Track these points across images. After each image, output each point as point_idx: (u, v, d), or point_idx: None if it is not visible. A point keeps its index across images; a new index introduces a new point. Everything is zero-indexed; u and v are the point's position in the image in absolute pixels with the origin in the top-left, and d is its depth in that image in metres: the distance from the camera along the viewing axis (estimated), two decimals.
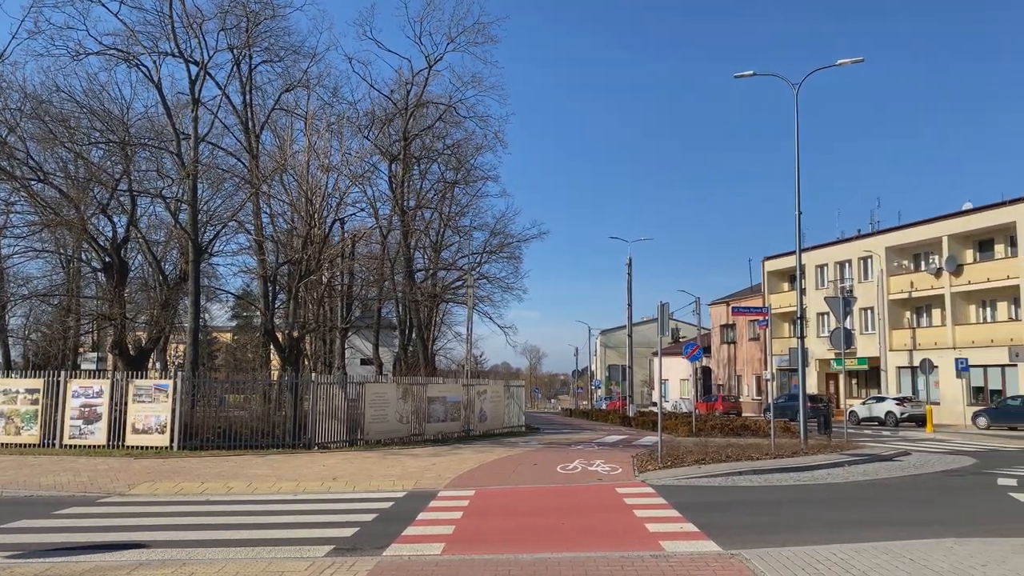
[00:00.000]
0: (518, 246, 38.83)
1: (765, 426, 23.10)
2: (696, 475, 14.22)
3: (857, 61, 20.14)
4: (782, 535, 8.62)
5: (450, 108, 34.91)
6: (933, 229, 42.34)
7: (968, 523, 9.47)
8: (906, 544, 7.78)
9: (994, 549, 7.44)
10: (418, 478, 13.99)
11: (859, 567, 6.85)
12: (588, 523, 9.84)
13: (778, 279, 54.69)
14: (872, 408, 37.89)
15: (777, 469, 15.13)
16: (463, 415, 24.89)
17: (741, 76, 21.13)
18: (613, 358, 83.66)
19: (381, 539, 8.61)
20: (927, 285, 42.50)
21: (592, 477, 14.33)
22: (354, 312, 36.45)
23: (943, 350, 39.94)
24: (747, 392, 57.22)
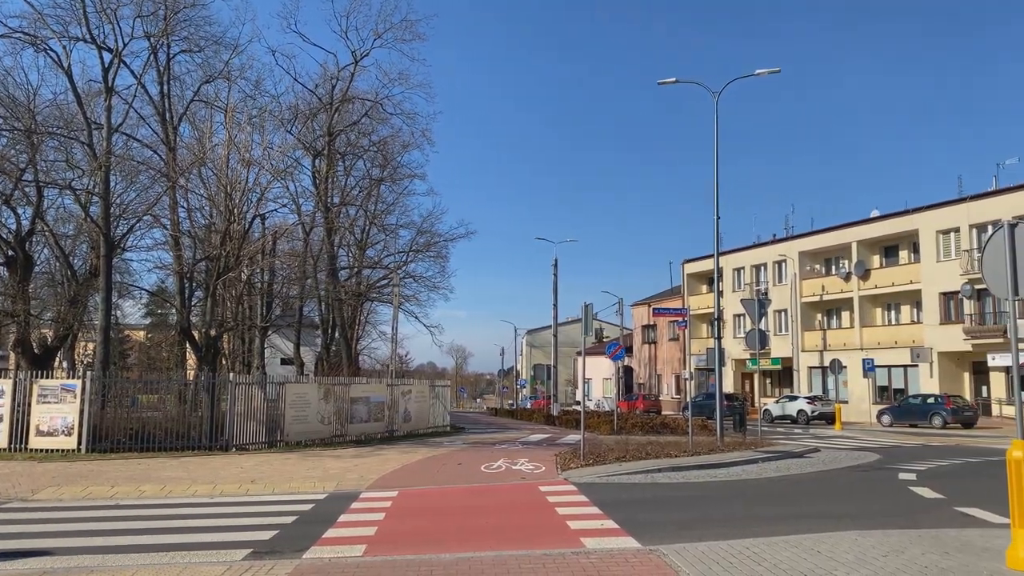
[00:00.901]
0: (445, 245, 38.72)
1: (684, 424, 23.69)
2: (617, 473, 14.48)
3: (773, 72, 20.91)
4: (699, 530, 8.88)
5: (376, 104, 34.52)
6: (843, 235, 44.30)
7: (872, 516, 9.95)
8: (814, 537, 8.13)
9: (894, 540, 7.85)
10: (340, 479, 13.80)
11: (770, 560, 7.11)
12: (511, 522, 9.90)
13: (698, 281, 56.23)
14: (785, 407, 39.32)
15: (695, 466, 15.55)
16: (387, 415, 24.66)
17: (664, 83, 21.65)
18: (539, 357, 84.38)
19: (301, 541, 8.46)
20: (837, 289, 44.43)
21: (516, 476, 14.42)
22: (275, 310, 35.64)
23: (851, 351, 41.84)
24: (667, 391, 58.60)
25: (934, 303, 38.49)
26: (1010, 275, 6.94)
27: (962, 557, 7.03)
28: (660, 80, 21.66)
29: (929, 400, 33.33)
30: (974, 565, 6.73)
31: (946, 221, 38.11)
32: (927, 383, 37.86)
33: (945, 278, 37.74)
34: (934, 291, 38.38)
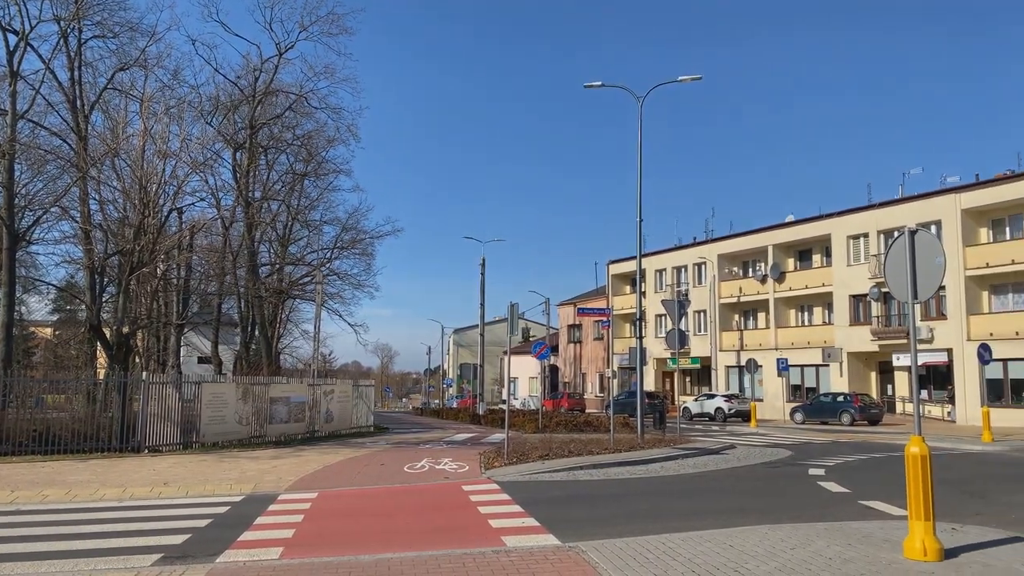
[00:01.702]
0: (371, 242, 38.24)
1: (607, 422, 24.06)
2: (540, 471, 14.59)
3: (696, 79, 21.45)
4: (618, 526, 9.04)
5: (301, 98, 33.85)
6: (760, 239, 45.78)
7: (782, 510, 10.32)
8: (727, 531, 8.38)
9: (801, 533, 8.17)
10: (257, 481, 13.48)
11: (685, 554, 7.30)
12: (433, 522, 9.86)
13: (622, 282, 57.16)
14: (703, 404, 40.38)
15: (616, 463, 15.81)
16: (308, 416, 24.20)
17: (591, 86, 21.93)
18: (465, 356, 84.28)
19: (215, 545, 8.22)
20: (754, 291, 45.89)
21: (439, 476, 14.37)
22: (191, 307, 34.54)
23: (767, 351, 43.28)
24: (591, 389, 59.40)
25: (844, 305, 40.18)
26: (910, 279, 7.31)
27: (864, 548, 7.37)
28: (587, 83, 21.96)
29: (838, 398, 34.77)
30: (874, 556, 7.06)
31: (856, 227, 39.81)
32: (837, 382, 39.49)
33: (855, 281, 39.44)
34: (844, 294, 40.06)
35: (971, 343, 31.42)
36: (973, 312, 34.18)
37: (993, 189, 34.10)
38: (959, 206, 34.73)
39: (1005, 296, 34.59)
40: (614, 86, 22.31)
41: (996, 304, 34.79)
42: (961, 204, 34.71)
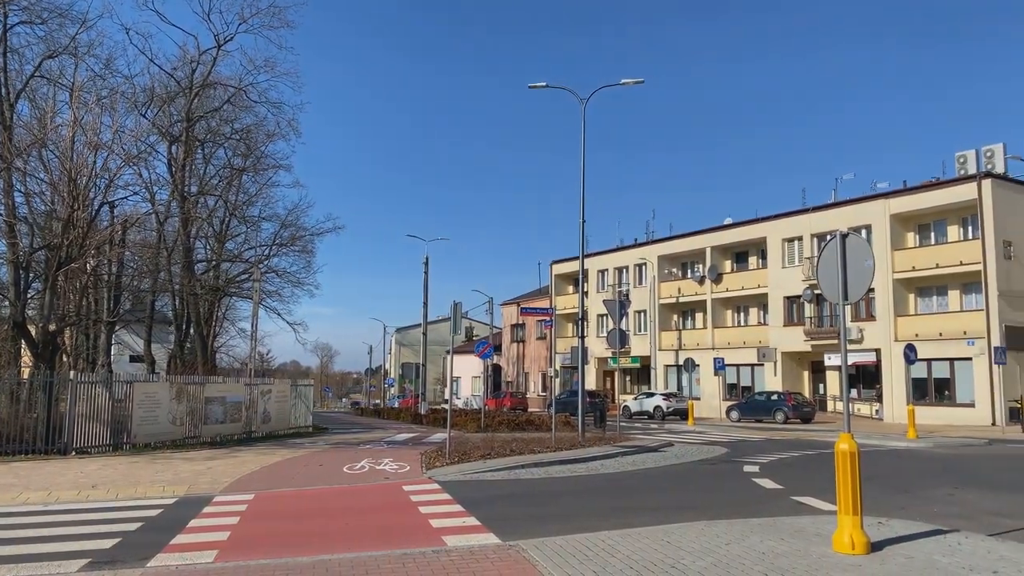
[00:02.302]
0: (311, 239, 37.54)
1: (548, 421, 24.21)
2: (482, 470, 14.60)
3: (638, 82, 21.73)
4: (559, 524, 9.10)
5: (240, 91, 33.02)
6: (699, 241, 46.71)
7: (719, 507, 10.55)
8: (665, 528, 8.52)
9: (736, 529, 8.36)
10: (191, 483, 13.14)
11: (624, 551, 7.40)
12: (373, 522, 9.77)
13: (564, 282, 57.59)
14: (643, 403, 40.98)
15: (557, 461, 15.93)
16: (245, 416, 23.69)
17: (535, 87, 22.05)
18: (408, 356, 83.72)
19: (145, 550, 7.99)
20: (692, 291, 46.78)
21: (380, 476, 14.24)
22: (123, 305, 33.42)
23: (704, 350, 44.16)
24: (533, 388, 59.69)
25: (779, 306, 41.28)
26: (841, 282, 7.55)
27: (795, 543, 7.58)
28: (531, 84, 22.04)
29: (773, 397, 35.70)
30: (805, 550, 7.27)
31: (790, 230, 40.95)
32: (771, 381, 40.55)
33: (789, 283, 40.56)
34: (779, 295, 41.16)
35: (898, 343, 32.64)
36: (900, 314, 35.51)
37: (920, 196, 35.49)
38: (888, 211, 36.06)
39: (930, 298, 36.04)
40: (558, 87, 22.49)
41: (922, 306, 36.22)
42: (890, 209, 36.03)
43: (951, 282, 34.71)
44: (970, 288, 34.02)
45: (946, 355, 33.36)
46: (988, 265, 32.10)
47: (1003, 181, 33.36)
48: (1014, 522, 9.18)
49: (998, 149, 33.82)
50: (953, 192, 33.94)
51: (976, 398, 32.15)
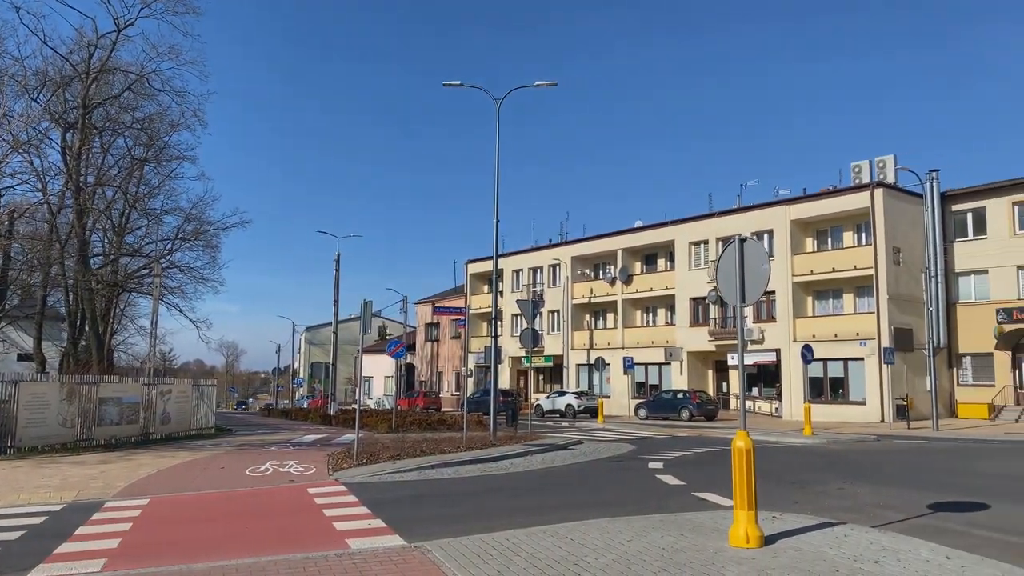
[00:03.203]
0: (216, 234, 36.24)
1: (461, 420, 24.14)
2: (391, 471, 14.43)
3: (551, 84, 21.93)
4: (466, 524, 9.07)
5: (142, 79, 31.57)
6: (610, 243, 47.56)
7: (623, 503, 10.74)
8: (570, 525, 8.61)
9: (638, 525, 8.53)
10: (81, 488, 12.48)
11: (527, 549, 7.43)
12: (274, 526, 9.51)
13: (480, 281, 57.59)
14: (555, 401, 41.42)
15: (467, 461, 15.90)
16: (142, 417, 22.68)
17: (449, 85, 21.95)
18: (318, 355, 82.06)
19: (27, 559, 7.54)
20: (604, 292, 47.59)
21: (284, 479, 13.89)
22: (11, 299, 31.46)
23: (615, 350, 45.00)
24: (448, 388, 59.49)
25: (685, 307, 42.47)
26: (739, 285, 7.80)
27: (694, 538, 7.80)
28: (445, 82, 21.94)
29: (679, 395, 36.69)
30: (703, 544, 7.48)
31: (697, 234, 42.18)
32: (678, 379, 41.67)
33: (695, 285, 41.77)
34: (686, 296, 42.34)
35: (796, 344, 34.06)
36: (799, 315, 37.09)
37: (818, 203, 37.17)
38: (789, 217, 37.60)
39: (826, 301, 37.80)
40: (472, 86, 22.45)
41: (819, 308, 37.94)
42: (791, 215, 37.59)
43: (846, 286, 36.49)
44: (863, 291, 35.85)
45: (840, 355, 35.05)
46: (879, 270, 33.91)
47: (893, 191, 35.30)
48: (897, 514, 9.70)
49: (889, 160, 35.73)
50: (848, 200, 35.69)
51: (867, 396, 33.90)
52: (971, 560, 6.82)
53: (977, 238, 35.16)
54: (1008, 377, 33.85)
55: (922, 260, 33.97)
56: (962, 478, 13.58)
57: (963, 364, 35.54)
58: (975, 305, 34.87)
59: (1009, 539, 8.12)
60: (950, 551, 7.16)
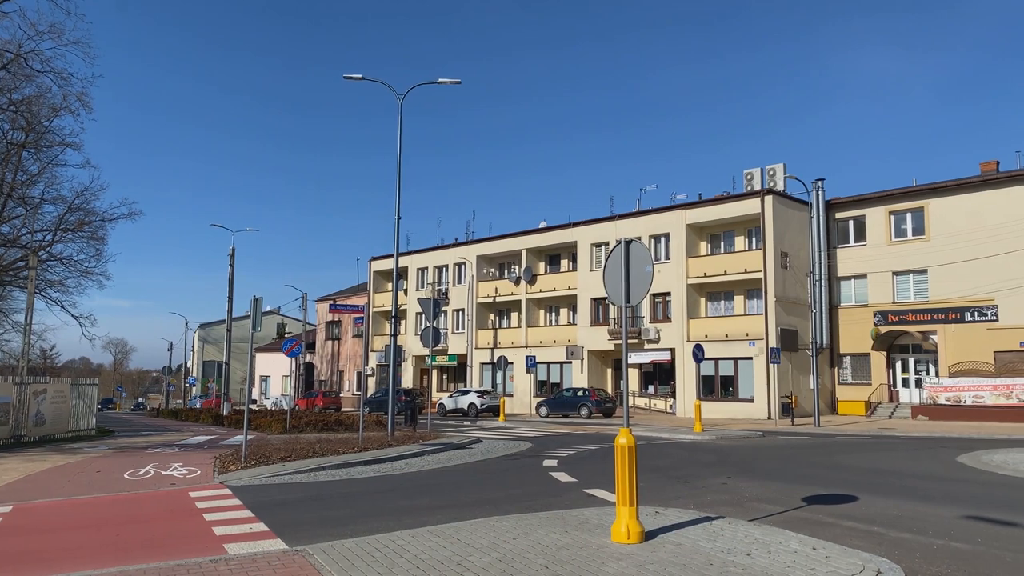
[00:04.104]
0: (102, 225, 34.28)
1: (360, 420, 23.74)
2: (280, 473, 14.03)
3: (455, 82, 21.85)
4: (352, 526, 8.90)
5: (19, 58, 29.54)
6: (515, 242, 47.87)
7: (515, 501, 10.80)
8: (457, 525, 8.58)
9: (526, 523, 8.58)
10: None
11: (412, 551, 7.35)
12: (149, 533, 9.06)
13: (384, 279, 56.87)
14: (458, 400, 41.36)
15: (361, 462, 15.64)
16: (12, 418, 21.26)
17: (350, 78, 21.54)
18: (213, 353, 79.04)
19: None
20: (508, 291, 47.86)
21: (165, 482, 13.29)
22: None
23: (518, 348, 45.35)
24: (348, 387, 58.46)
25: (587, 307, 43.22)
26: (624, 285, 7.96)
27: (579, 535, 7.90)
28: (347, 75, 21.52)
29: (578, 393, 37.33)
30: (587, 541, 7.59)
31: (598, 236, 42.98)
32: (578, 378, 42.37)
33: (596, 285, 42.49)
34: (587, 297, 43.07)
35: (690, 343, 35.21)
36: (693, 316, 38.35)
37: (712, 208, 38.53)
38: (684, 221, 38.83)
39: (718, 303, 39.25)
40: (374, 80, 22.10)
41: (711, 309, 39.35)
42: (686, 220, 38.82)
43: (737, 288, 37.99)
44: (753, 294, 37.41)
45: (731, 355, 36.46)
46: (768, 273, 35.46)
47: (782, 198, 36.98)
48: (773, 507, 10.14)
49: (779, 168, 37.40)
50: (740, 206, 37.16)
51: (755, 394, 35.39)
52: (835, 550, 7.18)
53: (857, 245, 37.27)
54: (883, 376, 36.05)
55: (807, 264, 35.73)
56: (836, 472, 14.33)
57: (843, 364, 37.60)
58: (855, 308, 36.96)
59: (872, 529, 8.61)
60: (818, 542, 7.52)
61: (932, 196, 35.06)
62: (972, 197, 33.83)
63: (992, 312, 32.65)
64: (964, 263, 33.21)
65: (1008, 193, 32.84)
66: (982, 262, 32.70)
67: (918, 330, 34.81)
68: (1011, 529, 8.56)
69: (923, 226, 35.22)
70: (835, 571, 6.39)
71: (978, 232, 32.99)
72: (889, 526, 8.77)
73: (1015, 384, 29.84)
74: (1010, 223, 32.17)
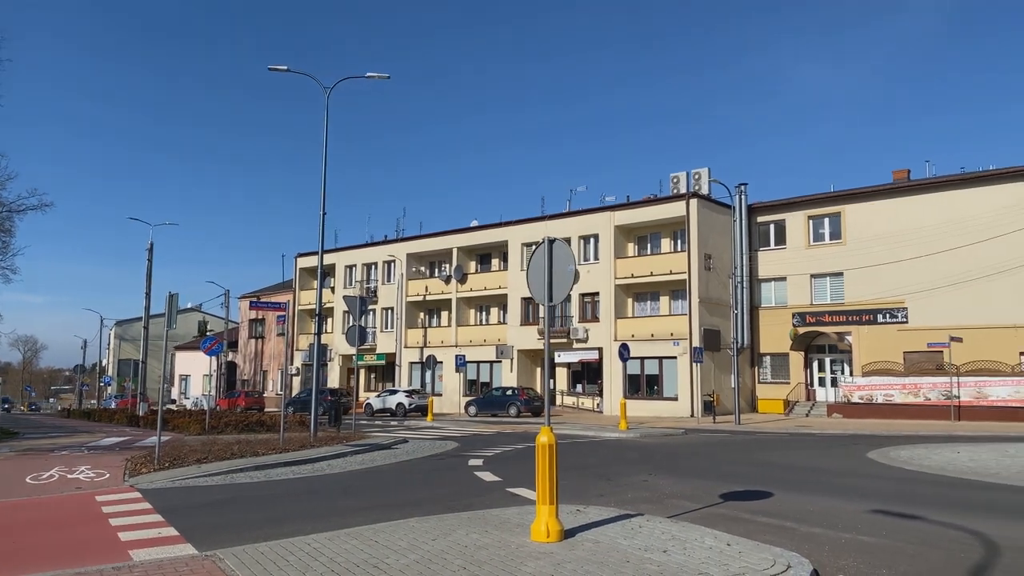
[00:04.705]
0: (9, 216, 32.59)
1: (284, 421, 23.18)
2: (195, 475, 13.55)
3: (384, 77, 21.54)
4: (267, 530, 8.64)
5: None
6: (446, 241, 47.66)
7: (438, 501, 10.68)
8: (376, 527, 8.42)
9: (447, 524, 8.49)
10: None
11: (328, 553, 7.17)
12: (50, 540, 8.60)
13: (310, 276, 55.84)
14: (386, 400, 40.89)
15: (281, 464, 15.25)
16: None
17: (275, 69, 20.99)
18: (130, 352, 76.07)
19: None
20: (439, 290, 47.62)
21: (71, 486, 12.67)
22: None
23: (448, 348, 45.15)
24: (272, 387, 57.16)
25: (517, 307, 43.34)
26: (547, 284, 7.96)
27: (499, 534, 7.85)
28: (272, 66, 20.97)
29: (507, 392, 37.42)
30: (506, 541, 7.55)
31: (529, 235, 43.12)
32: (508, 377, 42.45)
33: (526, 285, 42.71)
34: (517, 296, 43.19)
35: (618, 343, 35.62)
36: (620, 316, 38.90)
37: (639, 210, 39.17)
38: (613, 223, 39.36)
39: (644, 303, 39.92)
40: (299, 72, 21.60)
41: (638, 309, 39.99)
42: (615, 221, 39.36)
43: (663, 289, 38.70)
44: (678, 295, 38.18)
45: (656, 354, 37.12)
46: (692, 275, 36.26)
47: (707, 201, 37.87)
48: (692, 504, 10.31)
49: (704, 172, 38.29)
50: (666, 209, 37.87)
51: (679, 392, 36.13)
52: (748, 546, 7.33)
53: (778, 248, 38.47)
54: (801, 375, 37.31)
55: (730, 267, 36.67)
56: (754, 469, 14.70)
57: (763, 363, 38.75)
58: (775, 309, 38.14)
59: (785, 524, 8.83)
60: (732, 538, 7.66)
61: (848, 202, 36.47)
62: (885, 204, 35.34)
63: (903, 314, 34.15)
64: (877, 267, 34.64)
65: (918, 200, 34.42)
66: (894, 266, 34.17)
67: (834, 331, 36.15)
68: (913, 522, 8.91)
69: (840, 231, 36.60)
70: (748, 566, 6.52)
71: (890, 237, 34.47)
72: (801, 521, 9.02)
73: (922, 383, 31.29)
74: (920, 229, 33.71)
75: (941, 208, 33.59)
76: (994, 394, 29.50)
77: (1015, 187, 32.11)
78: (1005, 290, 31.46)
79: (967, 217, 32.60)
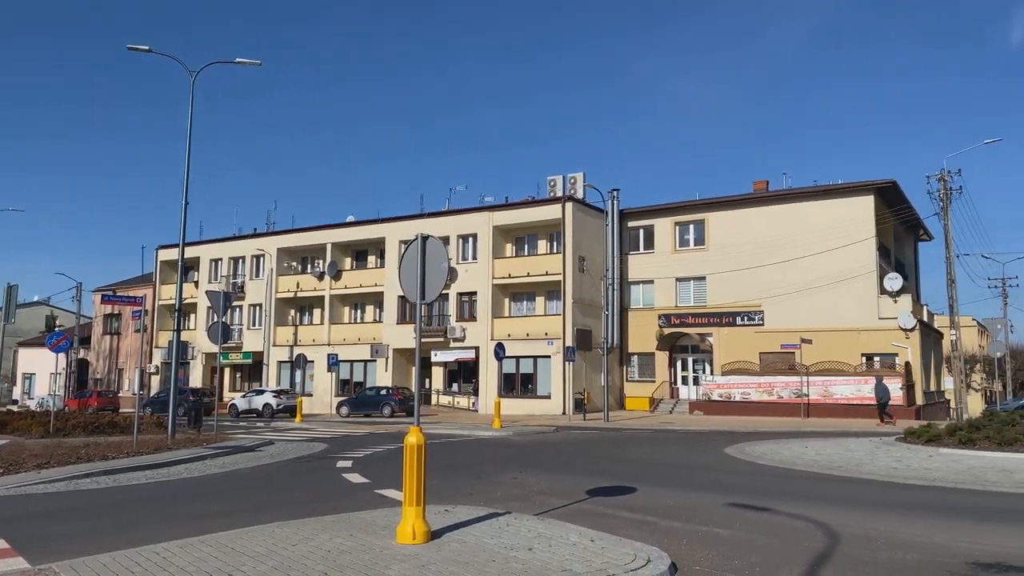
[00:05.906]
0: None
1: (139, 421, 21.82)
2: (34, 482, 12.49)
3: (254, 63, 20.68)
4: (112, 539, 8.05)
5: None
6: (320, 236, 46.46)
7: (302, 504, 10.32)
8: (234, 533, 8.01)
9: (309, 528, 8.20)
10: None
11: (179, 563, 6.76)
12: None
13: (172, 269, 52.85)
14: (252, 400, 39.34)
15: (133, 468, 14.33)
16: None
17: (135, 49, 19.69)
18: None
19: None
20: (311, 287, 46.36)
21: None
22: None
23: (320, 346, 44.02)
24: (128, 386, 53.73)
25: (393, 305, 42.83)
26: (419, 281, 7.85)
27: (363, 537, 7.66)
28: (131, 45, 19.67)
29: (382, 392, 36.92)
30: (371, 543, 7.38)
31: (408, 233, 42.61)
32: (383, 376, 41.87)
33: None
34: (394, 294, 42.68)
35: (494, 342, 35.95)
36: (497, 315, 39.22)
37: (517, 211, 39.67)
38: (492, 223, 39.63)
39: (521, 303, 40.45)
40: (162, 54, 20.38)
41: (515, 309, 40.46)
42: (493, 221, 39.65)
43: (539, 289, 39.35)
44: (553, 295, 38.92)
45: (531, 353, 37.69)
46: (567, 276, 37.06)
47: (582, 205, 38.82)
48: (559, 500, 10.48)
49: (580, 177, 39.23)
50: (544, 211, 38.56)
51: (552, 391, 36.84)
52: (612, 541, 7.50)
53: (646, 252, 39.98)
54: (666, 374, 38.89)
55: (602, 269, 37.75)
56: (619, 465, 15.15)
57: (632, 362, 40.13)
58: (643, 311, 39.59)
59: (647, 519, 9.12)
60: (596, 534, 7.82)
61: (712, 210, 38.36)
62: (745, 213, 37.42)
63: (759, 317, 36.26)
64: (737, 272, 36.61)
65: (775, 210, 36.67)
66: (752, 271, 36.22)
67: (697, 332, 37.92)
68: (764, 514, 9.42)
69: (703, 237, 38.45)
70: (610, 561, 6.66)
71: (750, 244, 36.53)
72: (662, 515, 9.34)
73: (776, 382, 33.34)
74: (777, 237, 35.91)
75: (793, 218, 35.94)
76: (839, 392, 31.85)
77: (855, 201, 34.84)
78: (848, 296, 34.03)
79: (815, 228, 35.02)
